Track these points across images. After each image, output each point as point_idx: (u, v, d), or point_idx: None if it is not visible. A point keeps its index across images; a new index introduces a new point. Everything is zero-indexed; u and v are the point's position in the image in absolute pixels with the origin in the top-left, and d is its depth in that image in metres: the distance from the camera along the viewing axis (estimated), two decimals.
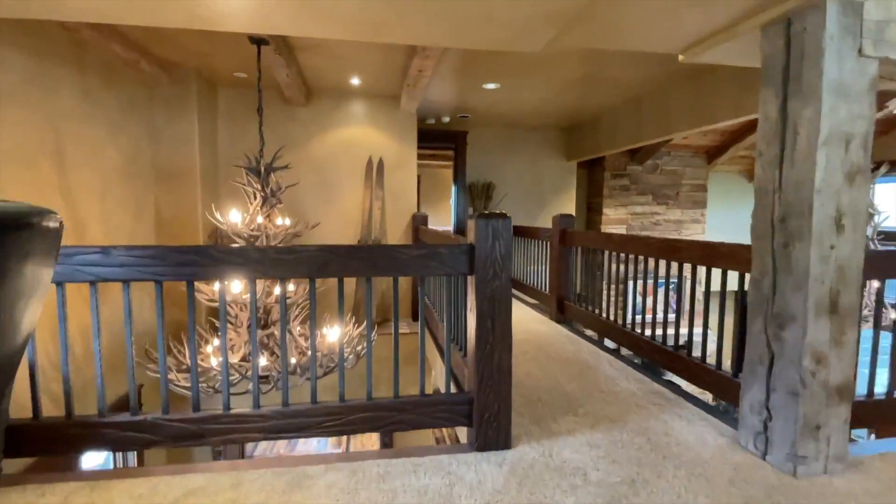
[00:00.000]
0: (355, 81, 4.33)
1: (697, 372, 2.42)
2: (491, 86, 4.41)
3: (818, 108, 1.62)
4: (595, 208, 7.27)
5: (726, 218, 7.70)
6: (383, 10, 1.94)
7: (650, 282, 3.07)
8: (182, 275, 1.63)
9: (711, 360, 2.38)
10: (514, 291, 5.60)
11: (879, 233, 3.56)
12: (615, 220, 7.08)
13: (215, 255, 1.64)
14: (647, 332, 2.94)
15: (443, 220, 9.00)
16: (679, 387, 2.62)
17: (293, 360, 2.61)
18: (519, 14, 1.95)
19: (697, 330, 5.83)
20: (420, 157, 8.70)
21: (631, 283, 3.20)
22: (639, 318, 3.11)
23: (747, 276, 2.00)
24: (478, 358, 1.84)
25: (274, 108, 4.61)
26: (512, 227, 1.87)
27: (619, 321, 3.26)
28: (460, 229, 6.55)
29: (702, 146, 6.96)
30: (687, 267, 2.59)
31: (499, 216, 1.90)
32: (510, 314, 1.88)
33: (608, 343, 3.52)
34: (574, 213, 6.77)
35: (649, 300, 3.17)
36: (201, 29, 2.12)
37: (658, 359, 2.75)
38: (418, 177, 11.27)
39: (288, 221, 2.92)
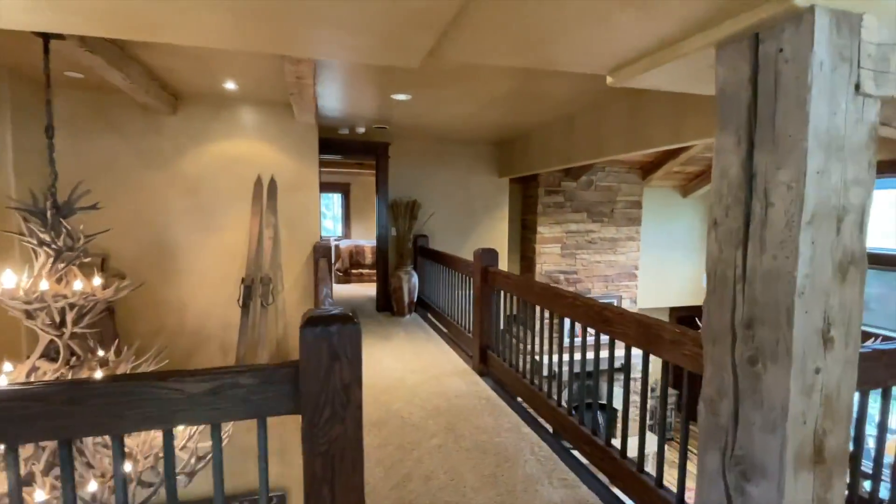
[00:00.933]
0: (231, 86, 3.52)
1: (638, 489, 1.87)
2: (401, 97, 3.75)
3: (801, 170, 1.09)
4: (530, 226, 6.82)
5: (660, 234, 7.51)
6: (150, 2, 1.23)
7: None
8: None
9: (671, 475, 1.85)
10: (439, 327, 4.97)
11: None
12: (550, 238, 6.66)
13: None
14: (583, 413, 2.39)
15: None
16: (619, 500, 2.06)
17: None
18: (371, 16, 1.30)
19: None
20: (342, 165, 7.87)
21: (567, 353, 2.64)
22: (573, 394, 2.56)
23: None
24: None
25: (131, 118, 3.70)
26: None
27: (547, 394, 2.69)
28: (381, 249, 5.86)
29: (636, 162, 6.68)
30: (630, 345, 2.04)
31: (340, 319, 1.24)
32: (361, 474, 1.23)
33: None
34: (507, 232, 6.27)
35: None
36: None
37: (590, 456, 2.20)
38: (347, 186, 10.47)
39: (97, 281, 2.11)
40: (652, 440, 6.64)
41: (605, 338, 2.12)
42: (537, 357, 2.86)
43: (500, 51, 1.55)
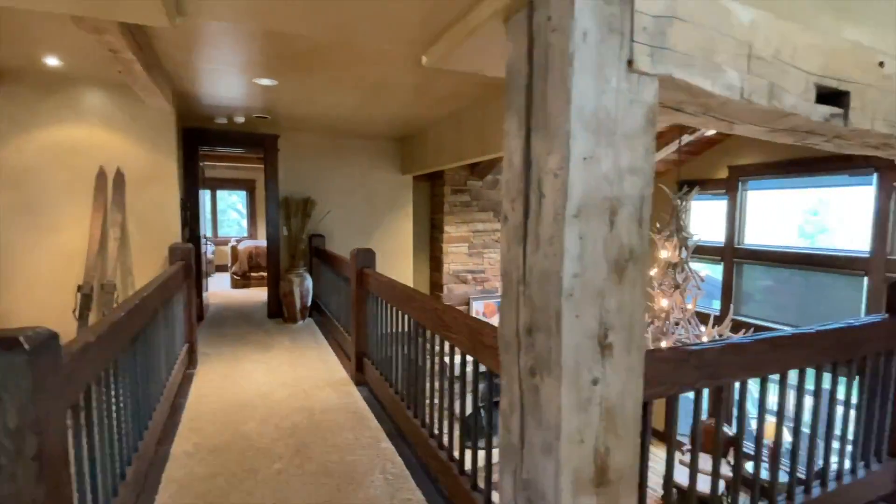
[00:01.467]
0: (53, 62, 3.01)
1: None
2: (266, 82, 3.42)
3: (566, 156, 0.96)
4: (437, 225, 6.67)
5: None
6: None
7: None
8: None
9: None
10: (330, 333, 4.67)
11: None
12: (457, 237, 6.55)
13: None
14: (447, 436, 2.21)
15: None
16: None
17: None
18: None
19: None
20: (243, 160, 7.32)
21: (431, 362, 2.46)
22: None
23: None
24: None
25: None
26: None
27: (413, 411, 2.49)
28: (272, 251, 5.44)
29: None
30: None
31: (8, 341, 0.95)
32: None
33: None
34: (413, 231, 6.07)
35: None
36: None
37: (436, 472, 2.02)
38: (252, 183, 9.78)
39: None
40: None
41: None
42: (403, 366, 2.67)
43: (281, 12, 1.31)
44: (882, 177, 5.18)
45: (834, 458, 1.87)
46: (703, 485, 1.86)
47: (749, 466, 5.12)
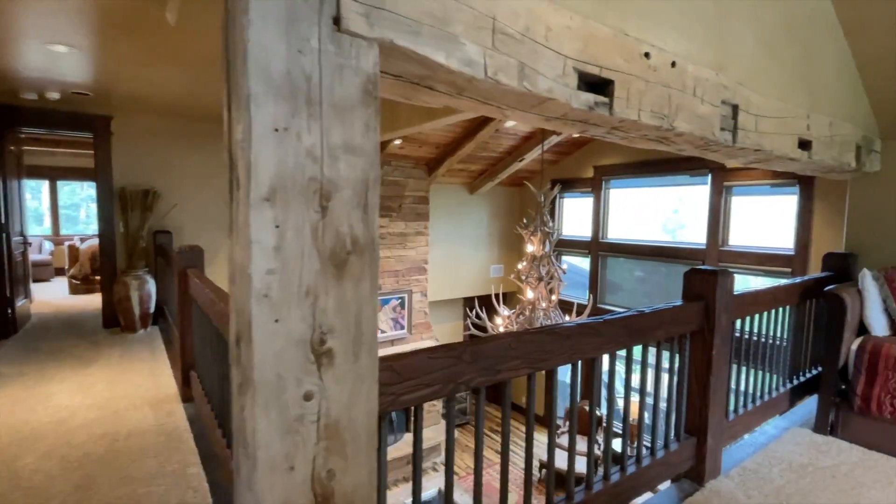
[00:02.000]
0: None
1: None
2: (60, 48, 2.86)
3: (248, 125, 0.78)
4: None
5: (449, 230, 7.72)
6: None
7: None
8: None
9: None
10: (167, 341, 4.13)
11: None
12: None
13: None
14: None
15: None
16: None
17: None
18: None
19: None
20: (64, 143, 6.34)
21: None
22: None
23: None
24: None
25: None
26: None
27: (222, 430, 2.19)
28: (107, 255, 4.70)
29: (421, 158, 6.68)
30: None
31: None
32: None
33: None
34: None
35: None
36: None
37: None
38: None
39: None
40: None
41: None
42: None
43: None
44: (714, 177, 5.84)
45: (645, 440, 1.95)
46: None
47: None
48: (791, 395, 2.67)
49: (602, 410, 7.26)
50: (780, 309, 2.57)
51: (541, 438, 7.83)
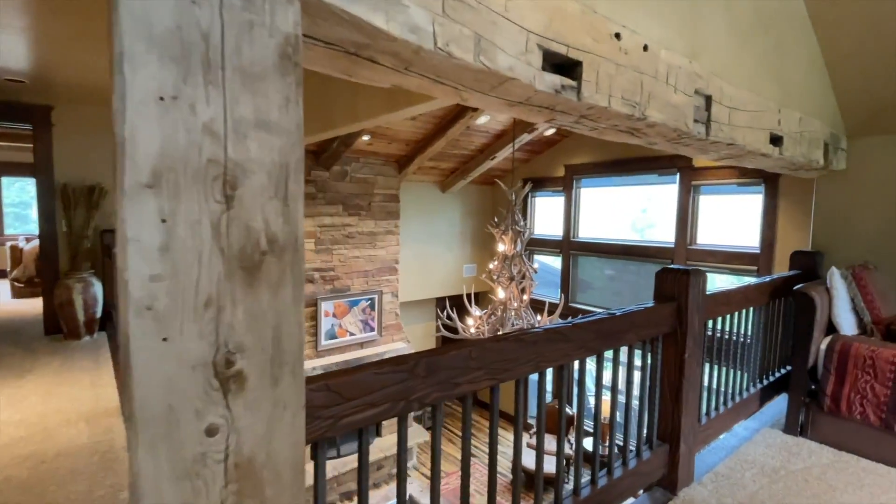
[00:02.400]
0: None
1: None
2: None
3: (121, 92, 0.62)
4: None
5: (421, 228, 7.57)
6: None
7: None
8: None
9: None
10: (114, 348, 3.82)
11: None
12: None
13: None
14: None
15: None
16: None
17: None
18: None
19: None
20: (7, 137, 5.89)
21: None
22: None
23: None
24: None
25: None
26: None
27: None
28: (48, 256, 4.35)
29: (391, 154, 6.50)
30: None
31: None
32: None
33: None
34: None
35: None
36: None
37: None
38: None
39: None
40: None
41: None
42: None
43: None
44: (682, 176, 5.87)
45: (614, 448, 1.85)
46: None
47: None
48: (761, 396, 2.64)
49: (572, 410, 7.27)
50: (751, 308, 2.53)
51: (512, 439, 7.78)
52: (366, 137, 5.70)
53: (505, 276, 4.86)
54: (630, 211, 7.19)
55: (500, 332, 4.88)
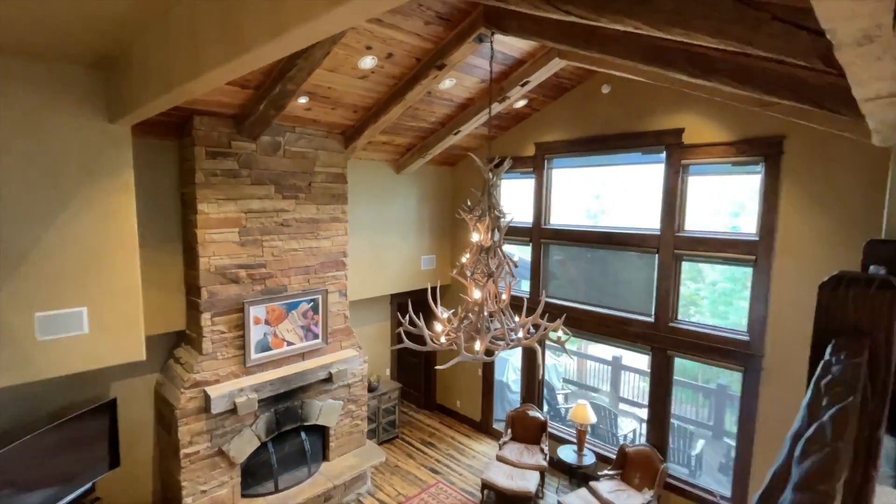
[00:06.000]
0: None
1: None
2: None
3: None
4: (189, 203, 4.77)
5: (372, 215, 6.51)
6: None
7: None
8: None
9: None
10: None
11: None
12: (220, 220, 4.76)
13: None
14: None
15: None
16: None
17: None
18: None
19: None
20: None
21: None
22: None
23: None
24: None
25: None
26: None
27: None
28: None
29: (335, 124, 5.37)
30: None
31: None
32: None
33: None
34: (138, 212, 4.08)
35: None
36: None
37: None
38: None
39: None
40: (371, 451, 5.42)
41: None
42: None
43: None
44: (670, 154, 5.21)
45: None
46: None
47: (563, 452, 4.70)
48: None
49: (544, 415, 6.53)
50: None
51: (480, 449, 6.98)
52: (303, 100, 4.56)
53: (480, 271, 3.96)
54: (609, 194, 6.52)
55: (476, 340, 3.94)
